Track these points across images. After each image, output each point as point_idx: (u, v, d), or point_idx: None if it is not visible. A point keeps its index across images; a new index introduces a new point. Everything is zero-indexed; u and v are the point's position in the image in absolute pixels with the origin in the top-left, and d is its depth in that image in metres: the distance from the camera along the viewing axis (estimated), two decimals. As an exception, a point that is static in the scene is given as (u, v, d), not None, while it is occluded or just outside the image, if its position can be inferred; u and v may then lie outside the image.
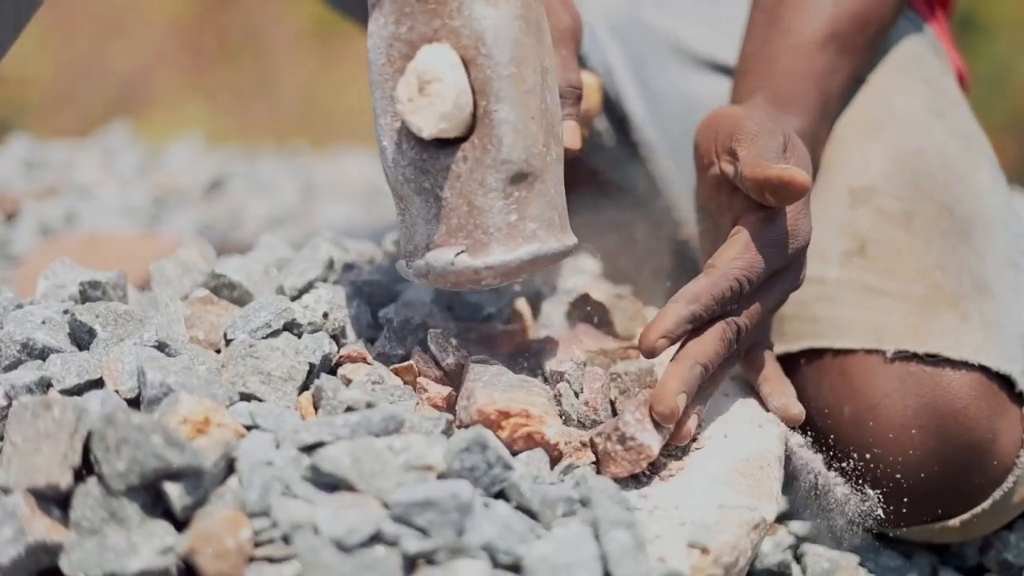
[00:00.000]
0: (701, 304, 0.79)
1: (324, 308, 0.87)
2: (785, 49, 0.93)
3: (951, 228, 0.92)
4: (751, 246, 0.80)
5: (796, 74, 0.92)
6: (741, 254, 0.80)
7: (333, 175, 1.83)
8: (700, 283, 0.79)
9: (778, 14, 0.94)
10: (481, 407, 0.76)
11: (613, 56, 1.08)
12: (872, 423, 0.88)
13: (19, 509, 0.67)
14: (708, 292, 0.79)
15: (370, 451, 0.69)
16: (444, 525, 0.66)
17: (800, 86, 0.92)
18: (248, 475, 0.69)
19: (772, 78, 0.92)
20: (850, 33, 0.94)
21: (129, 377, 0.78)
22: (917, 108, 0.98)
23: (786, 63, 0.92)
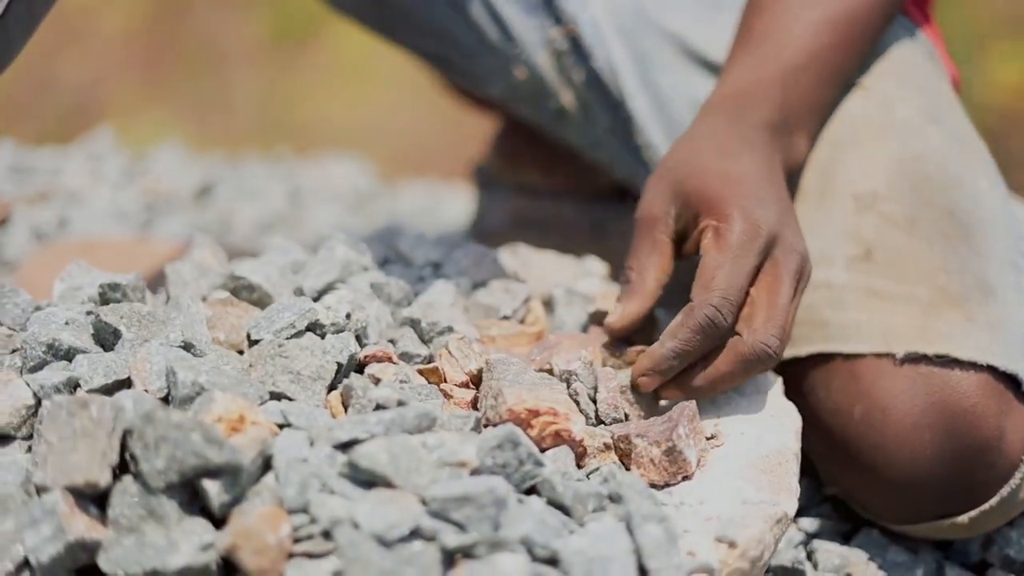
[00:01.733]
0: (680, 340, 0.82)
1: (347, 308, 0.88)
2: (777, 52, 0.94)
3: (953, 232, 0.94)
4: (717, 266, 0.83)
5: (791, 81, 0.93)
6: (708, 283, 0.82)
7: (318, 180, 1.83)
8: (677, 320, 0.83)
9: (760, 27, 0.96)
10: (511, 406, 0.77)
11: (618, 55, 1.09)
12: (883, 423, 0.89)
13: (58, 507, 0.68)
14: (686, 327, 0.82)
15: (406, 448, 0.70)
16: (481, 520, 0.67)
17: (796, 90, 0.94)
18: (285, 472, 0.70)
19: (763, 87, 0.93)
20: (841, 39, 0.96)
21: (158, 377, 0.79)
22: (916, 114, 1.00)
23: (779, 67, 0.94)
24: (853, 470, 0.91)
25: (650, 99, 1.08)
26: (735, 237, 0.84)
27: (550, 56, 1.12)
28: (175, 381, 0.76)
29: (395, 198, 1.87)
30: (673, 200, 0.88)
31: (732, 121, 0.92)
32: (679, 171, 0.88)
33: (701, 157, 0.89)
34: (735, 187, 0.86)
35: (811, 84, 0.95)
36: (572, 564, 0.67)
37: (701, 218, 0.86)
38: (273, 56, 2.99)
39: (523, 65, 1.12)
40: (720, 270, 0.83)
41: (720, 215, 0.85)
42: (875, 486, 0.91)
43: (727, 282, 0.82)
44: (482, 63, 1.15)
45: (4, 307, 0.88)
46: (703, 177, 0.87)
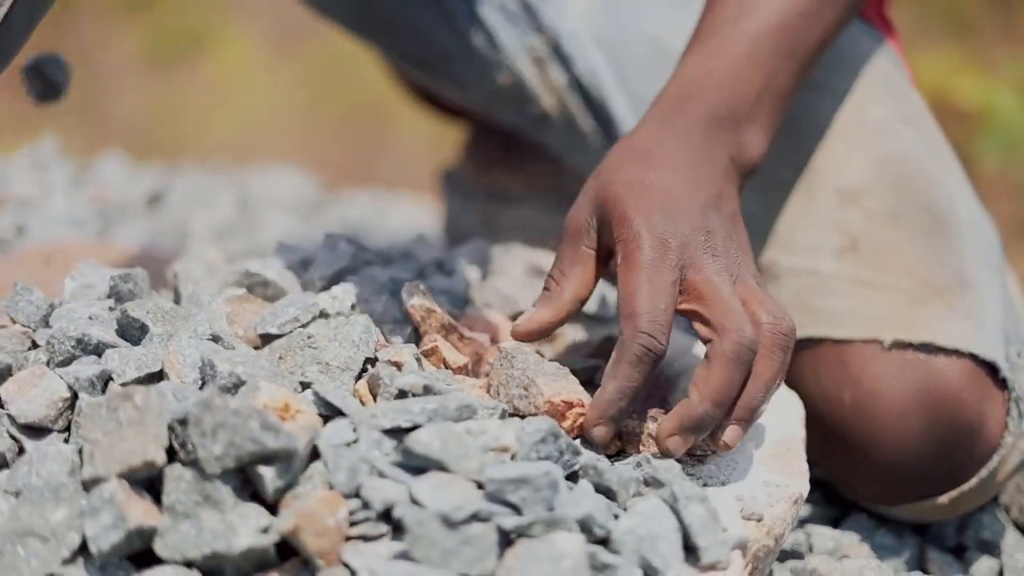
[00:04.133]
0: (622, 378, 0.78)
1: (351, 301, 0.89)
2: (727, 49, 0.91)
3: (932, 228, 0.99)
4: (635, 291, 0.79)
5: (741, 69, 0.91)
6: (631, 311, 0.78)
7: (265, 189, 1.84)
8: (612, 358, 0.79)
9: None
10: (549, 398, 0.80)
11: (598, 62, 1.12)
12: (873, 408, 0.94)
13: (116, 496, 0.68)
14: (624, 363, 0.78)
15: (453, 434, 0.72)
16: (536, 502, 0.69)
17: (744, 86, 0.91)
18: (334, 458, 0.71)
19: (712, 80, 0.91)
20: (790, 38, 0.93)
21: (192, 369, 0.80)
22: (890, 116, 1.04)
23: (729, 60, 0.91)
24: (841, 453, 0.96)
25: (630, 103, 1.12)
26: (645, 256, 0.79)
27: (532, 63, 1.15)
28: (213, 373, 0.78)
29: (341, 206, 1.88)
30: (595, 211, 0.84)
31: (667, 119, 0.88)
32: (603, 177, 0.85)
33: (623, 162, 0.85)
34: (645, 199, 0.82)
35: (762, 72, 0.91)
36: (623, 543, 0.70)
37: (615, 234, 0.82)
38: (153, 71, 2.97)
39: (506, 71, 1.15)
40: (638, 294, 0.78)
41: (628, 233, 0.81)
42: (862, 468, 0.96)
43: (650, 305, 0.78)
44: (465, 69, 1.17)
45: (18, 305, 0.88)
46: (618, 187, 0.83)
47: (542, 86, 1.15)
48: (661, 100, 0.90)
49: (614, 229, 0.82)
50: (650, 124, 0.88)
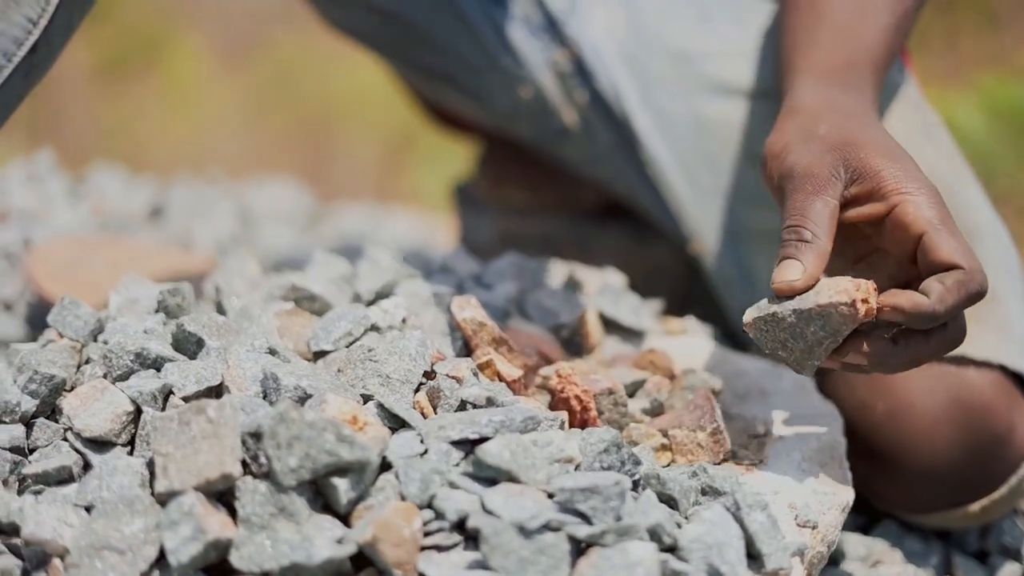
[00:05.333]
0: (950, 305, 0.79)
1: (403, 313, 0.90)
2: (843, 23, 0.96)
3: (957, 240, 1.01)
4: (959, 242, 0.81)
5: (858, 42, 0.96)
6: (971, 258, 0.80)
7: (262, 202, 1.84)
8: (951, 284, 0.79)
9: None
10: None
11: (620, 77, 1.14)
12: (906, 418, 0.96)
13: (195, 508, 0.69)
14: (966, 291, 0.79)
15: (522, 446, 0.73)
16: (606, 511, 0.71)
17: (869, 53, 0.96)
18: (405, 469, 0.72)
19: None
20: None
21: (253, 382, 0.80)
22: (910, 131, 1.07)
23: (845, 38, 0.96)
24: (874, 462, 0.97)
25: (652, 117, 1.13)
26: (943, 212, 0.81)
27: (554, 77, 1.16)
28: (277, 386, 0.78)
29: (337, 219, 1.88)
30: (843, 165, 0.84)
31: (849, 92, 0.92)
32: (838, 137, 0.85)
33: (858, 127, 0.87)
34: (908, 163, 0.84)
35: (885, 61, 0.97)
36: (691, 551, 0.71)
37: (886, 192, 0.83)
38: (105, 82, 2.96)
39: (528, 85, 1.17)
40: (962, 246, 0.80)
41: (914, 190, 0.82)
42: (895, 478, 0.98)
43: (979, 261, 0.80)
44: (488, 82, 1.18)
45: (66, 320, 0.88)
46: (873, 150, 0.84)
47: (564, 100, 1.17)
48: (829, 78, 0.92)
49: (889, 187, 0.82)
50: (836, 91, 0.90)
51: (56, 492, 0.76)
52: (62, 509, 0.73)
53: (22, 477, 0.79)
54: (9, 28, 0.92)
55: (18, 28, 0.92)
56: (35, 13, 0.92)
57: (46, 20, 0.93)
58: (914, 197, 0.82)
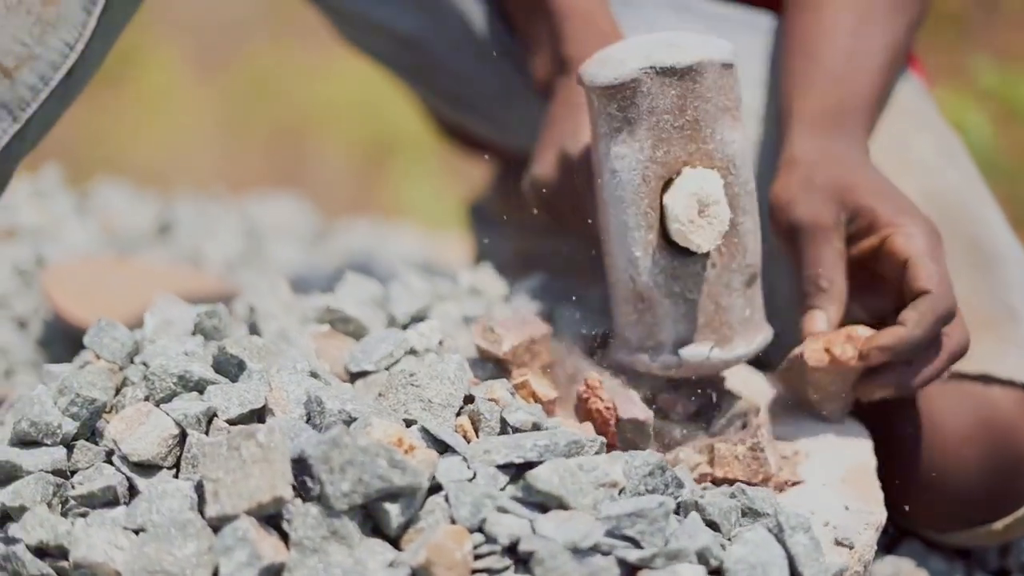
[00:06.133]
0: (925, 329, 0.89)
1: (439, 336, 0.91)
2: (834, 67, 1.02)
3: (978, 261, 1.03)
4: (932, 267, 0.91)
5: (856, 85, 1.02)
6: (939, 283, 0.90)
7: (267, 218, 1.84)
8: (920, 309, 0.89)
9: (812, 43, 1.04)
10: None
11: None
12: (932, 437, 0.97)
13: (249, 534, 0.70)
14: (932, 315, 0.89)
15: (569, 470, 0.74)
16: (653, 534, 0.72)
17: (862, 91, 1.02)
18: (456, 493, 0.73)
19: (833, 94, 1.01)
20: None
21: (296, 405, 0.81)
22: (931, 153, 1.08)
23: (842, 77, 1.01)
24: (901, 481, 0.99)
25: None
26: (929, 239, 0.91)
27: None
28: (322, 409, 0.79)
29: (343, 236, 1.89)
30: (841, 209, 0.93)
31: (841, 138, 0.98)
32: (835, 183, 0.94)
33: (849, 172, 0.95)
34: (899, 200, 0.93)
35: (878, 101, 1.04)
36: (736, 572, 0.73)
37: (877, 229, 0.92)
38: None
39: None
40: (938, 266, 0.90)
41: (903, 223, 0.92)
42: (922, 496, 0.99)
43: (949, 282, 0.90)
44: (508, 110, 1.19)
45: (103, 341, 0.89)
46: (866, 191, 0.93)
47: (582, 126, 1.18)
48: (823, 121, 0.99)
49: (883, 222, 0.92)
50: (829, 139, 0.98)
51: (103, 515, 0.76)
52: (112, 532, 0.74)
53: (64, 499, 0.79)
54: (46, 53, 0.92)
55: (55, 53, 0.93)
56: (72, 38, 0.93)
57: (82, 45, 0.94)
58: (904, 229, 0.91)
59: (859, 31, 1.02)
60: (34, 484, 0.78)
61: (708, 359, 0.87)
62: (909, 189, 1.04)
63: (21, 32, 0.91)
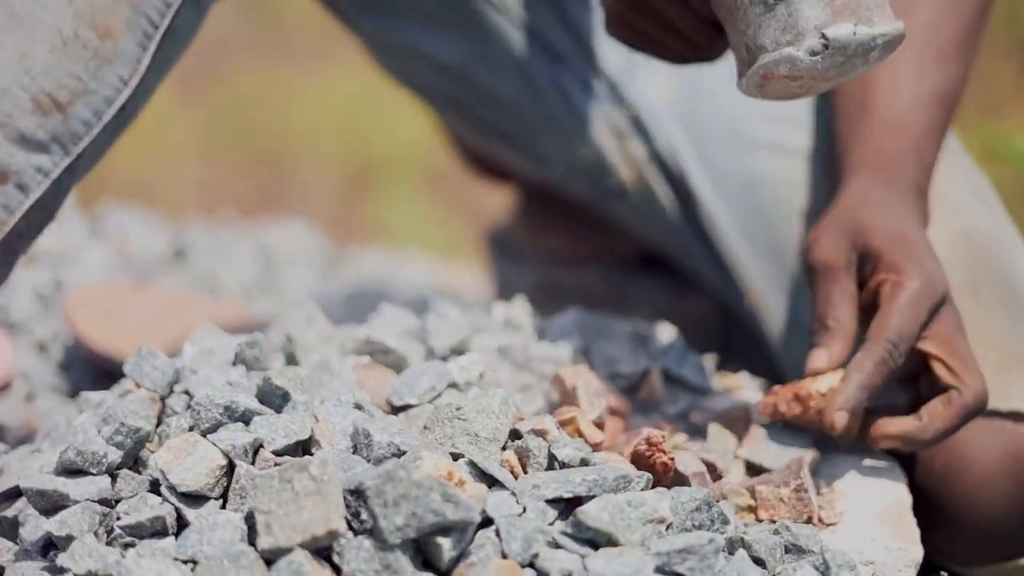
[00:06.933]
0: (865, 372, 0.89)
1: (480, 369, 0.92)
2: (886, 120, 1.03)
3: (1010, 300, 1.04)
4: (893, 315, 0.90)
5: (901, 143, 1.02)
6: (883, 326, 0.90)
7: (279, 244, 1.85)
8: (857, 356, 0.90)
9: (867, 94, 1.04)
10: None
11: (677, 136, 1.16)
12: (964, 473, 0.98)
13: (304, 567, 0.70)
14: (869, 360, 0.89)
15: (618, 506, 0.75)
16: (703, 570, 0.72)
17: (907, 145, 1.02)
18: (507, 527, 0.74)
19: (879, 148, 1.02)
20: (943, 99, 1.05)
21: (343, 437, 0.82)
22: (963, 192, 1.09)
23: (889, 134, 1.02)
24: (931, 515, 0.99)
25: (708, 175, 1.15)
26: (913, 292, 0.91)
27: (612, 136, 1.18)
28: (369, 442, 0.79)
29: (355, 262, 1.89)
30: (853, 250, 0.95)
31: (888, 185, 1.00)
32: (855, 225, 0.96)
33: (876, 215, 0.96)
34: (910, 248, 0.94)
35: (934, 150, 1.04)
36: (785, 608, 0.73)
37: (878, 272, 0.94)
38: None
39: (587, 144, 1.18)
40: (896, 317, 0.90)
41: (899, 271, 0.92)
42: (952, 530, 1.00)
43: (900, 327, 0.90)
44: (548, 141, 1.20)
45: (143, 370, 0.89)
46: (881, 234, 0.95)
47: (621, 159, 1.18)
48: (869, 168, 1.00)
49: (880, 271, 0.93)
50: (874, 186, 0.99)
51: (152, 545, 0.76)
52: (163, 563, 0.74)
53: (110, 529, 0.79)
54: (101, 88, 0.93)
55: (110, 88, 0.94)
56: (127, 73, 0.94)
57: (136, 80, 0.95)
58: (896, 278, 0.92)
59: (914, 79, 1.03)
60: (81, 513, 0.78)
61: (855, 35, 0.83)
62: (940, 230, 1.06)
63: (76, 67, 0.92)
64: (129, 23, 0.95)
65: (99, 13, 0.93)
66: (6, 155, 0.92)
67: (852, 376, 0.89)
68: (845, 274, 0.94)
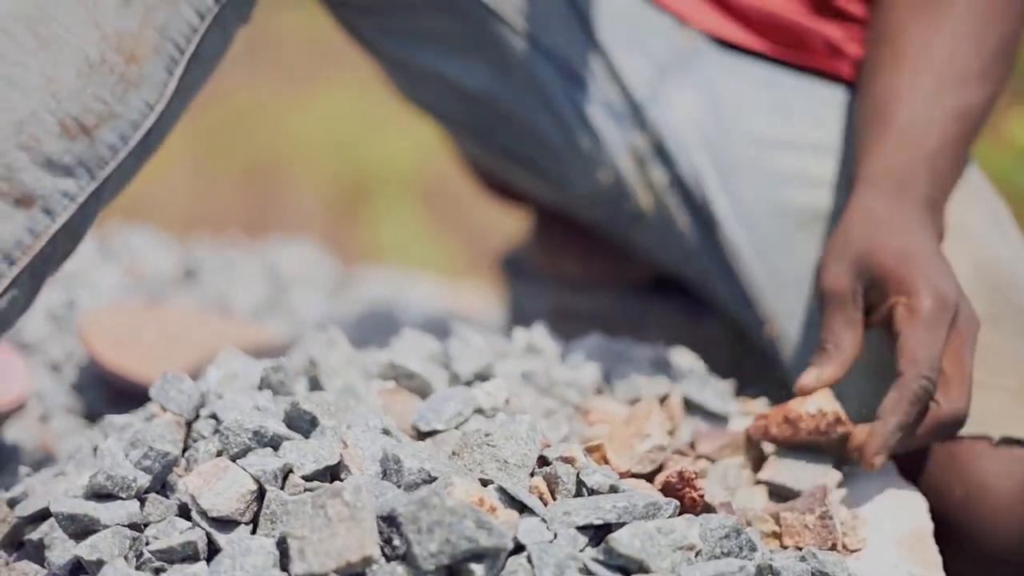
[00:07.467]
0: (901, 413, 0.90)
1: (504, 395, 0.92)
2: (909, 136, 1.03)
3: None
4: (918, 341, 0.91)
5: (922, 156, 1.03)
6: (913, 357, 0.91)
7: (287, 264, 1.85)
8: (892, 396, 0.90)
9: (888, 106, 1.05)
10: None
11: (700, 162, 1.16)
12: (982, 501, 0.98)
13: (341, 592, 0.70)
14: (904, 401, 0.90)
15: (648, 533, 0.75)
16: (734, 597, 0.73)
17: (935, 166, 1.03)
18: (539, 555, 0.74)
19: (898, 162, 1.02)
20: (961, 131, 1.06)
21: (372, 462, 0.82)
22: (982, 221, 1.10)
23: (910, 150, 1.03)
24: (950, 542, 1.00)
25: (731, 201, 1.15)
26: (928, 312, 0.92)
27: (632, 161, 1.18)
28: (399, 468, 0.80)
29: (362, 283, 1.89)
30: (859, 276, 0.96)
31: (895, 199, 1.00)
32: (859, 247, 0.97)
33: (879, 234, 0.97)
34: (917, 263, 0.95)
35: (948, 167, 1.05)
36: (814, 636, 0.73)
37: (890, 294, 0.95)
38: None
39: (607, 168, 1.18)
40: (921, 344, 0.91)
41: (910, 291, 0.93)
42: (970, 558, 1.00)
43: (929, 355, 0.91)
44: (567, 166, 1.20)
45: (169, 394, 0.89)
46: (885, 254, 0.96)
47: (640, 184, 1.18)
48: (878, 182, 1.01)
49: (892, 292, 0.94)
50: (881, 201, 0.99)
51: (183, 570, 0.77)
52: (195, 589, 0.74)
53: (139, 553, 0.80)
54: (127, 112, 0.93)
55: (136, 112, 0.94)
56: (154, 98, 0.94)
57: (163, 105, 0.95)
58: (909, 300, 0.93)
59: (934, 95, 1.04)
60: (111, 538, 0.79)
61: None
62: (959, 258, 1.06)
63: (103, 91, 0.92)
64: (156, 48, 0.95)
65: (125, 37, 0.94)
66: (33, 179, 0.93)
67: (889, 418, 0.90)
68: (850, 302, 0.95)
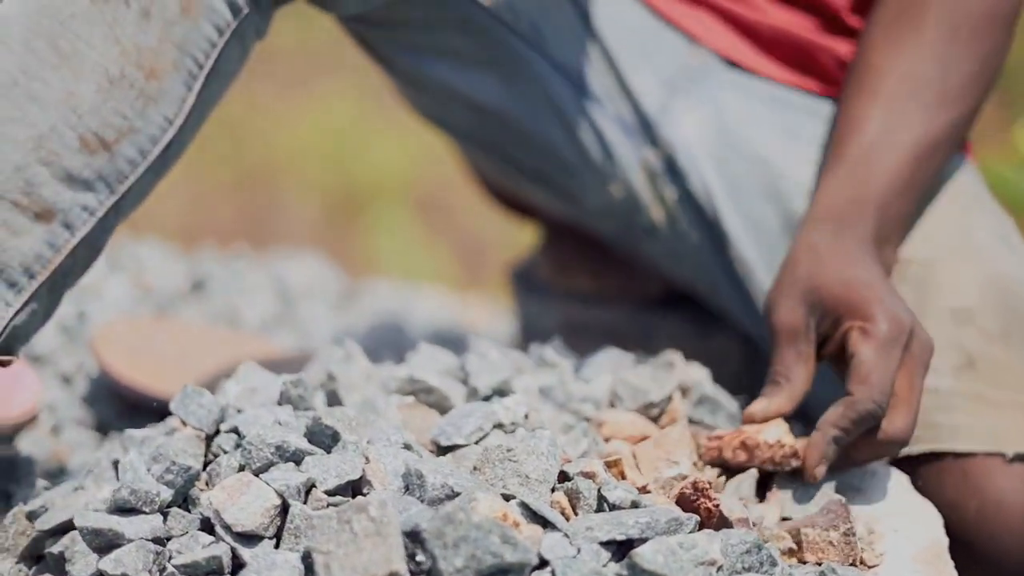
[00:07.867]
0: (842, 428, 0.92)
1: (524, 410, 0.93)
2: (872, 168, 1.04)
3: (1040, 346, 1.06)
4: (871, 363, 0.93)
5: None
6: (865, 378, 0.92)
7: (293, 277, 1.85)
8: (836, 410, 0.92)
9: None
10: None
11: (711, 177, 1.17)
12: (997, 517, 0.99)
13: (363, 607, 0.71)
14: (848, 418, 0.92)
15: (670, 549, 0.76)
16: (756, 613, 0.73)
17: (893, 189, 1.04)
18: (563, 570, 0.74)
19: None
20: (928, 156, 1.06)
21: (395, 477, 0.82)
22: (991, 238, 1.11)
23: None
24: (963, 559, 1.00)
25: (741, 217, 1.16)
26: (883, 335, 0.93)
27: (644, 175, 1.19)
28: (422, 483, 0.80)
29: (369, 296, 1.90)
30: (811, 311, 0.97)
31: (837, 236, 1.01)
32: (807, 283, 0.98)
33: (826, 268, 0.98)
34: (870, 290, 0.96)
35: (900, 205, 1.05)
36: (838, 651, 0.74)
37: (843, 321, 0.96)
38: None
39: (619, 183, 1.19)
40: (875, 366, 0.92)
41: (865, 316, 0.94)
42: (985, 574, 1.01)
43: (882, 378, 0.92)
44: (579, 180, 1.20)
45: (189, 408, 0.90)
46: (836, 285, 0.97)
47: (652, 198, 1.19)
48: (823, 220, 1.01)
49: (845, 319, 0.95)
50: (825, 238, 1.00)
51: (207, 585, 0.77)
52: (221, 603, 0.75)
53: (163, 567, 0.80)
54: (147, 127, 0.94)
55: (155, 127, 0.94)
56: (172, 112, 0.95)
57: (181, 119, 0.95)
58: (862, 325, 0.94)
59: (886, 125, 1.04)
60: (135, 552, 0.79)
61: None
62: (968, 274, 1.07)
63: (123, 105, 0.93)
64: (175, 63, 0.96)
65: (145, 53, 0.94)
66: (53, 193, 0.93)
67: (828, 430, 0.92)
68: (803, 335, 0.97)
